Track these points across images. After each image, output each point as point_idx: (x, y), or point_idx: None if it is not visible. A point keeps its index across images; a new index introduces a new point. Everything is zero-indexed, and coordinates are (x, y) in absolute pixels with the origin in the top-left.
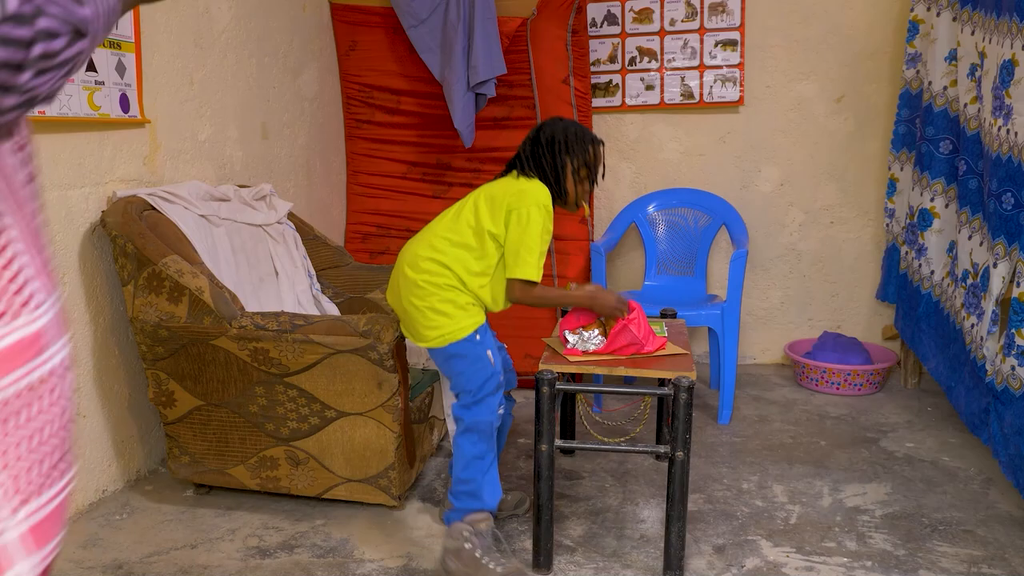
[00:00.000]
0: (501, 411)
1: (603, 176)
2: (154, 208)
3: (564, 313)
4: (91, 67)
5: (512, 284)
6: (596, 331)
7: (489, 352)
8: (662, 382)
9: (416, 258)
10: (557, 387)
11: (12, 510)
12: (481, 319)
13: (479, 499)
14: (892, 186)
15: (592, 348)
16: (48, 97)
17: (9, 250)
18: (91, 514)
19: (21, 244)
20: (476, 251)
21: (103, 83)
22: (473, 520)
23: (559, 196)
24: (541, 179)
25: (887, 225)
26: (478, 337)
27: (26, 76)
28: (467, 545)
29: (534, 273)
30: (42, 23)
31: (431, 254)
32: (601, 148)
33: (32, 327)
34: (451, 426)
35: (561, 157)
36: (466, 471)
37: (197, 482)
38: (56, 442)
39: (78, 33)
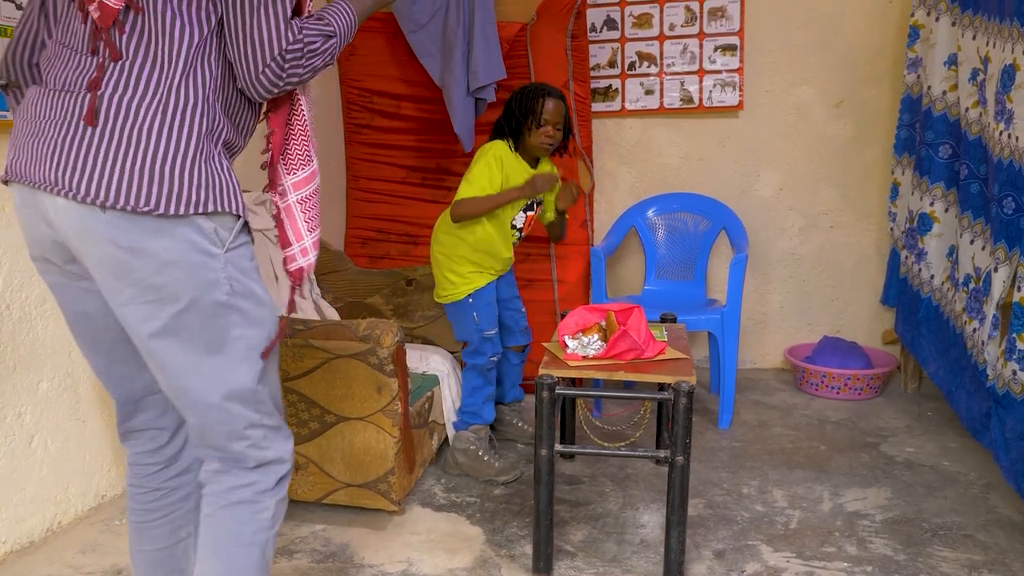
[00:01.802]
0: (495, 359)
1: (565, 129)
2: None
3: (563, 317)
4: None
5: (452, 208)
6: (595, 336)
7: (475, 314)
8: (662, 387)
9: (436, 232)
10: (557, 392)
11: (310, 231)
12: (476, 285)
13: (480, 417)
14: (895, 190)
15: (592, 353)
16: (315, 70)
17: (305, 127)
18: (91, 519)
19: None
20: (471, 225)
21: None
22: (476, 430)
23: (520, 146)
24: (502, 136)
25: (891, 229)
26: (470, 300)
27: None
28: (472, 446)
29: (463, 194)
30: (307, 38)
31: (446, 228)
32: (548, 100)
33: (311, 168)
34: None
35: (514, 114)
36: (470, 397)
37: None
38: (317, 215)
39: (327, 37)
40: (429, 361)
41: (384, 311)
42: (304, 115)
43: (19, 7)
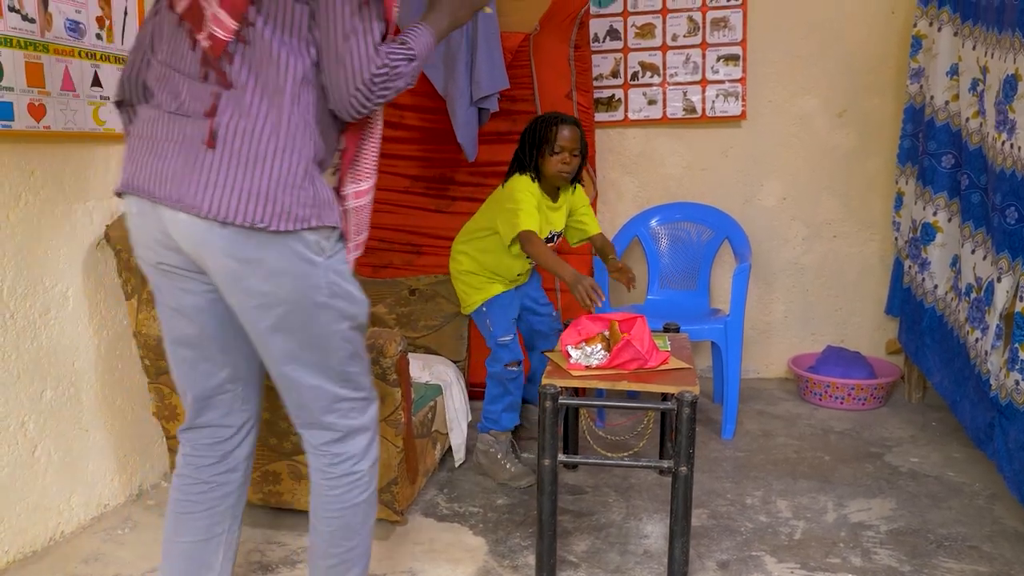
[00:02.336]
0: (515, 368)
1: (576, 154)
2: None
3: (566, 326)
4: (96, 82)
5: (520, 236)
6: (599, 346)
7: (488, 321)
8: (665, 396)
9: (452, 252)
10: (560, 401)
11: (356, 234)
12: (490, 294)
13: (499, 424)
14: (899, 200)
15: (595, 363)
16: (398, 90)
17: (375, 144)
18: (93, 528)
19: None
20: (484, 240)
21: (108, 98)
22: (496, 434)
23: (539, 176)
24: (521, 170)
25: (895, 239)
26: (484, 309)
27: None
28: (491, 449)
29: (526, 224)
30: (393, 62)
31: (459, 248)
32: (563, 127)
33: (371, 181)
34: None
35: (528, 145)
36: (490, 405)
37: None
38: (366, 221)
39: (410, 59)
40: (432, 371)
41: (387, 321)
42: (378, 133)
43: (25, 18)
